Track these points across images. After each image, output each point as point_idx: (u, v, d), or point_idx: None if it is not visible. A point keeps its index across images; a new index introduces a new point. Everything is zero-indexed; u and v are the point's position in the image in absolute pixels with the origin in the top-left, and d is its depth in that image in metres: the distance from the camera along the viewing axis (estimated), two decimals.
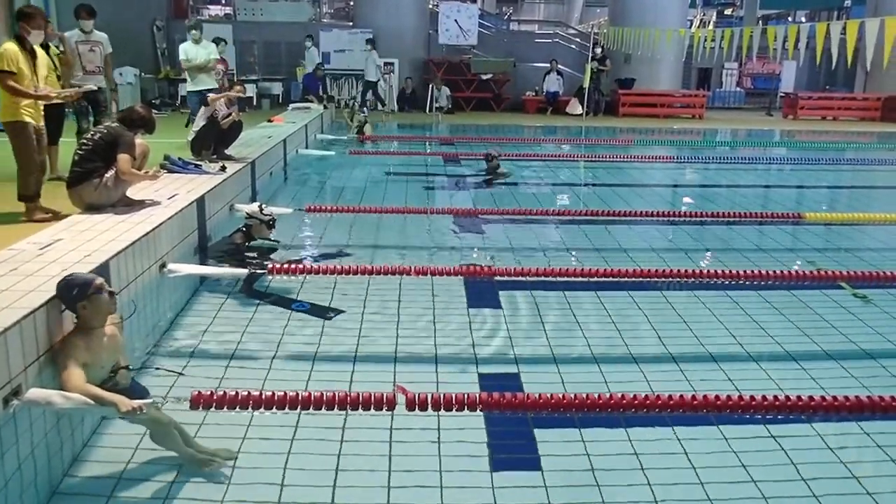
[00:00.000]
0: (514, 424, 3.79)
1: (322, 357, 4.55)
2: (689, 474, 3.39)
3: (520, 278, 5.99)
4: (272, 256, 6.24)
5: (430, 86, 19.40)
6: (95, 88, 8.01)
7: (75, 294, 3.38)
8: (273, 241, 6.38)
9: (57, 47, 8.26)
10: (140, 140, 5.81)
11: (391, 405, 3.58)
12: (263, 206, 6.43)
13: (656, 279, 6.03)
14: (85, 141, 5.67)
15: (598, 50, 19.57)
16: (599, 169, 12.61)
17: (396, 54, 19.77)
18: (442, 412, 3.62)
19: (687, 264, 6.58)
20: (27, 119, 5.90)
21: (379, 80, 18.93)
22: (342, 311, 5.31)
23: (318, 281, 5.79)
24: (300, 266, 5.95)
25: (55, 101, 6.64)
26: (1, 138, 6.19)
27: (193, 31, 10.23)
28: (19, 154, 5.91)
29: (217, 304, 5.41)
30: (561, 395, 3.74)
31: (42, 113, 6.18)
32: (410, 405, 3.58)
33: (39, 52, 6.10)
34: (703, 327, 5.22)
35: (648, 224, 8.36)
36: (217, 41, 13.51)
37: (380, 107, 18.64)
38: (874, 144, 17.09)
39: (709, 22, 30.93)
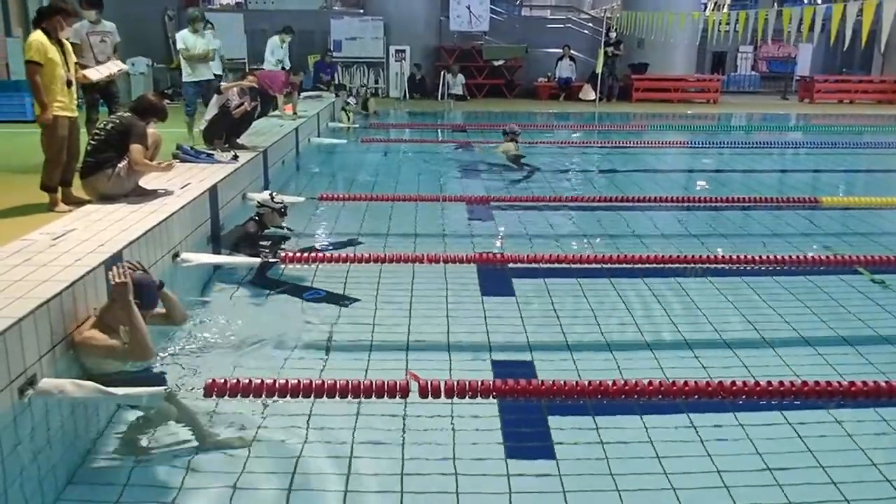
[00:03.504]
0: (527, 412, 3.78)
1: (335, 345, 4.56)
2: (705, 462, 3.37)
3: (533, 265, 5.97)
4: (285, 245, 6.24)
5: (443, 73, 19.30)
6: (127, 68, 8.03)
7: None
8: (285, 228, 6.38)
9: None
10: (152, 129, 5.81)
11: (404, 392, 3.58)
12: (274, 194, 6.43)
13: (670, 265, 5.99)
14: (98, 131, 5.69)
15: (613, 34, 19.40)
16: (613, 155, 12.53)
17: (408, 41, 19.69)
18: (455, 399, 3.62)
19: (701, 250, 6.53)
20: (60, 113, 5.91)
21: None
22: (355, 300, 5.31)
23: (330, 269, 5.80)
24: (313, 255, 5.96)
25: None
26: (30, 129, 6.22)
27: (199, 24, 10.11)
28: (48, 146, 5.93)
29: (230, 292, 5.42)
30: (575, 382, 3.73)
31: (76, 103, 6.20)
32: (423, 392, 3.58)
33: (66, 42, 6.11)
34: (717, 313, 5.18)
35: (663, 210, 8.30)
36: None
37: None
38: (892, 127, 16.86)
39: (723, 5, 30.54)
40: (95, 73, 7.22)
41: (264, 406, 3.67)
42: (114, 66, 7.61)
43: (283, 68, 12.66)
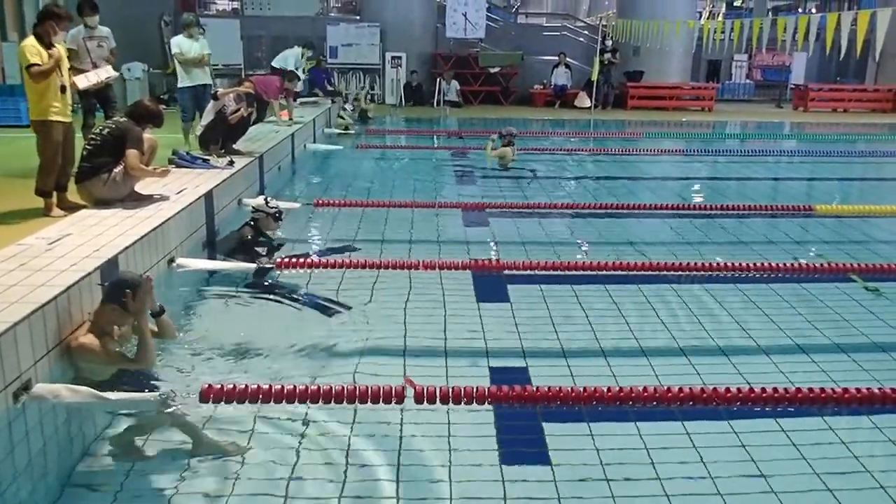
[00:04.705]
0: (523, 418, 3.78)
1: (330, 351, 4.55)
2: (699, 468, 3.38)
3: (528, 272, 5.98)
4: (280, 250, 6.25)
5: (438, 80, 19.35)
6: (116, 75, 8.02)
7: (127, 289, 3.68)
8: (276, 241, 6.38)
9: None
10: (148, 135, 5.81)
11: (400, 398, 3.58)
12: (269, 199, 6.43)
13: (665, 272, 6.01)
14: (93, 136, 5.68)
15: (609, 42, 19.49)
16: (608, 162, 12.57)
17: (404, 48, 19.74)
18: (451, 405, 3.62)
19: (696, 257, 6.55)
20: (55, 118, 5.91)
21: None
22: (350, 306, 5.30)
23: (326, 275, 5.79)
24: (308, 260, 5.96)
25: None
26: (25, 134, 6.21)
27: (193, 29, 10.10)
28: (43, 151, 5.93)
29: (226, 298, 5.41)
30: (570, 389, 3.74)
31: (70, 108, 6.20)
32: (419, 398, 3.58)
33: (60, 47, 6.09)
34: (712, 320, 5.20)
35: (657, 217, 8.32)
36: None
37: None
38: (885, 136, 16.95)
39: (718, 13, 30.72)
40: (84, 81, 7.22)
41: (260, 412, 3.67)
42: (104, 73, 7.60)
43: (297, 67, 12.97)
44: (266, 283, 5.68)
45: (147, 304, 3.81)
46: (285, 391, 3.54)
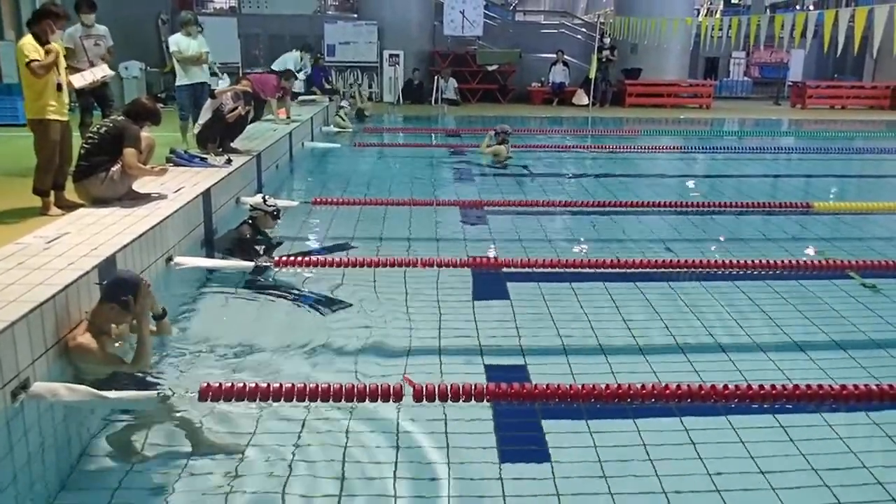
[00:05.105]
0: (521, 416, 3.79)
1: (329, 349, 4.55)
2: (698, 465, 3.38)
3: (527, 269, 5.98)
4: (278, 249, 6.24)
5: (437, 78, 19.35)
6: (112, 74, 8.00)
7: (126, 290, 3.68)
8: (275, 237, 6.37)
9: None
10: (146, 133, 5.81)
11: (398, 397, 3.58)
12: (267, 197, 6.43)
13: (664, 269, 6.01)
14: (91, 135, 5.68)
15: (607, 39, 19.50)
16: (606, 159, 12.57)
17: (402, 46, 19.73)
18: (449, 403, 3.62)
19: (694, 254, 6.55)
20: (52, 117, 5.90)
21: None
22: (349, 304, 5.30)
23: (324, 273, 5.79)
24: (307, 258, 5.96)
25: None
26: (22, 133, 6.21)
27: (192, 27, 10.06)
28: (40, 150, 5.93)
29: (224, 297, 5.41)
30: (569, 386, 3.74)
31: (67, 107, 6.19)
32: (418, 396, 3.58)
33: (56, 46, 6.07)
34: (710, 317, 5.20)
35: (656, 214, 8.32)
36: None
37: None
38: (883, 133, 16.97)
39: (716, 11, 30.73)
40: (80, 80, 7.20)
41: (258, 410, 3.67)
42: (100, 72, 7.58)
43: (299, 70, 13.11)
44: (264, 282, 5.68)
45: (148, 306, 3.81)
46: (284, 389, 3.54)
